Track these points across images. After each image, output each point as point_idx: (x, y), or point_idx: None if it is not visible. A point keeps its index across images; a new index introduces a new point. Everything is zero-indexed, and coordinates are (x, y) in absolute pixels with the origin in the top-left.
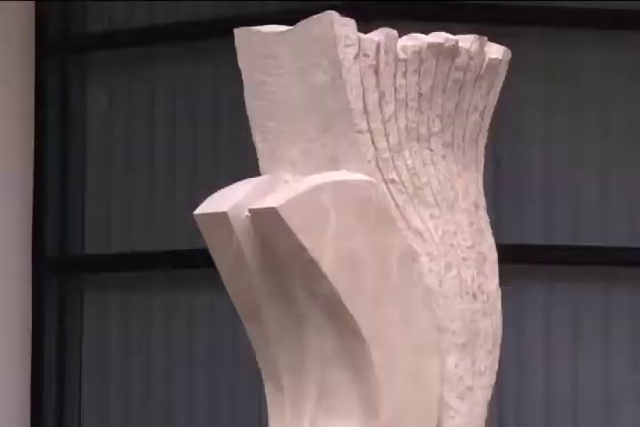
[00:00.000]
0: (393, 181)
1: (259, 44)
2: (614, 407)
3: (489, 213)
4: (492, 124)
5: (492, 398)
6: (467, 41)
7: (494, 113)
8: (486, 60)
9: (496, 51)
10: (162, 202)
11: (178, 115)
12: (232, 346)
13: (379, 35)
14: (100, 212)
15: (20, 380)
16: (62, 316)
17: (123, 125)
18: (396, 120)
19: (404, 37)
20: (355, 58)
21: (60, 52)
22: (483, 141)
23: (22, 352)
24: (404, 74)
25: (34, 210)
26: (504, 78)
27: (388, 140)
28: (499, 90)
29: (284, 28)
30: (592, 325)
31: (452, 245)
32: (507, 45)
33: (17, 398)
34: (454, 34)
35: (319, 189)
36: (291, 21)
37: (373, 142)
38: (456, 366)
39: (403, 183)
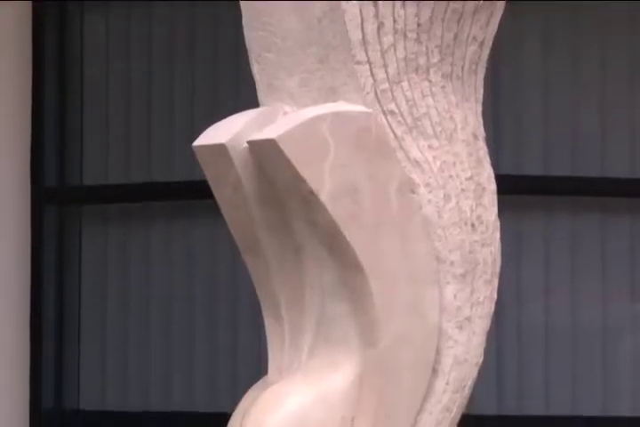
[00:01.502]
0: (392, 112)
1: None
2: (613, 336)
3: (488, 143)
4: (490, 55)
5: (490, 328)
6: None
7: (493, 44)
8: None
9: None
10: (160, 134)
11: (176, 44)
12: (231, 277)
13: None
14: (99, 143)
15: (18, 308)
16: (61, 245)
17: (119, 58)
18: (394, 51)
19: None
20: None
21: None
22: (482, 72)
23: (21, 281)
24: (403, 4)
25: (32, 142)
26: (503, 10)
27: (386, 72)
28: (497, 21)
29: None
30: (590, 255)
31: (450, 176)
32: None
33: (15, 325)
34: None
35: (318, 119)
36: None
37: (372, 73)
38: (454, 296)
39: (401, 114)
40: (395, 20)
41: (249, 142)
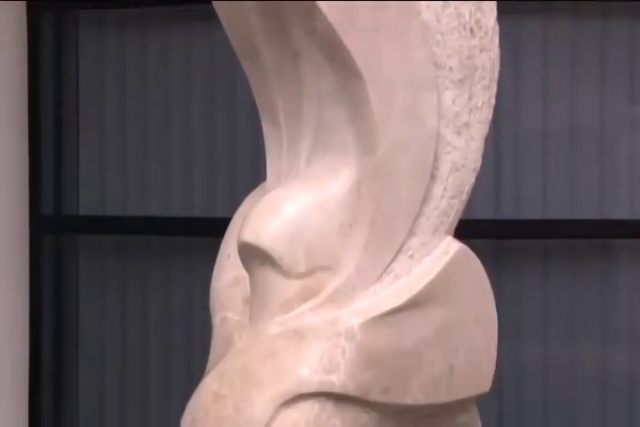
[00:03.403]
0: None
1: None
2: (610, 138)
3: None
4: None
5: (488, 133)
6: None
7: None
8: None
9: None
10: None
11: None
12: (230, 86)
13: None
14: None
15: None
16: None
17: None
18: None
19: None
20: None
21: None
22: None
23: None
24: None
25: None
26: None
27: None
28: None
29: None
30: (590, 61)
31: None
32: None
33: (15, 338)
34: None
35: None
36: None
37: None
38: (453, 102)
39: None
40: None
41: None
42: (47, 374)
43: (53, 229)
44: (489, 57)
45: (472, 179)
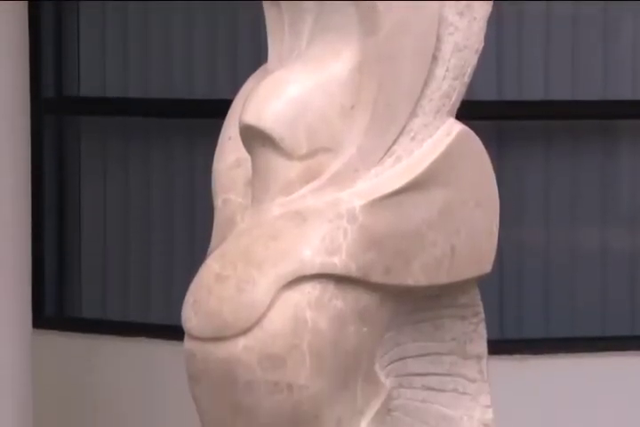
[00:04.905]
0: None
1: None
2: (613, 20)
3: None
4: None
5: (491, 14)
6: None
7: None
8: None
9: None
10: None
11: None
12: None
13: None
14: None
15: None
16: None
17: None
18: None
19: None
20: None
21: None
22: None
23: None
24: None
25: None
26: None
27: None
28: None
29: None
30: None
31: None
32: None
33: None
34: None
35: None
36: None
37: None
38: None
39: None
40: None
41: None
42: (50, 254)
43: (54, 111)
44: None
45: (474, 60)
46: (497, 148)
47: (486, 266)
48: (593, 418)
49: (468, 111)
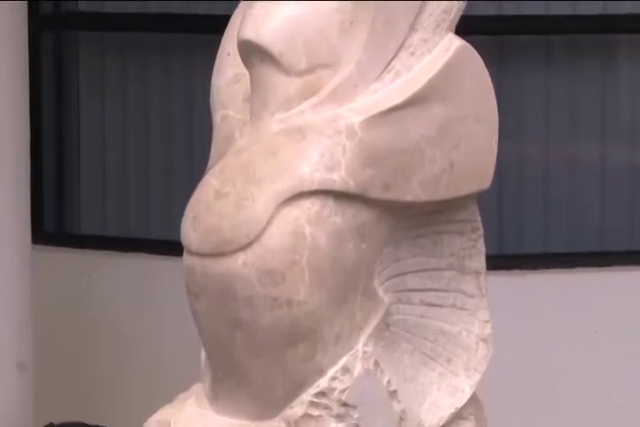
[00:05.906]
0: None
1: None
2: None
3: None
4: None
5: None
6: None
7: None
8: None
9: None
10: None
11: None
12: None
13: None
14: None
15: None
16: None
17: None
18: None
19: None
20: None
21: None
22: None
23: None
24: None
25: None
26: None
27: None
28: None
29: None
30: None
31: None
32: None
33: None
34: None
35: None
36: None
37: None
38: None
39: None
40: None
41: None
42: (49, 170)
43: (53, 26)
44: None
45: None
46: (496, 63)
47: (485, 182)
48: (591, 333)
49: (468, 26)
